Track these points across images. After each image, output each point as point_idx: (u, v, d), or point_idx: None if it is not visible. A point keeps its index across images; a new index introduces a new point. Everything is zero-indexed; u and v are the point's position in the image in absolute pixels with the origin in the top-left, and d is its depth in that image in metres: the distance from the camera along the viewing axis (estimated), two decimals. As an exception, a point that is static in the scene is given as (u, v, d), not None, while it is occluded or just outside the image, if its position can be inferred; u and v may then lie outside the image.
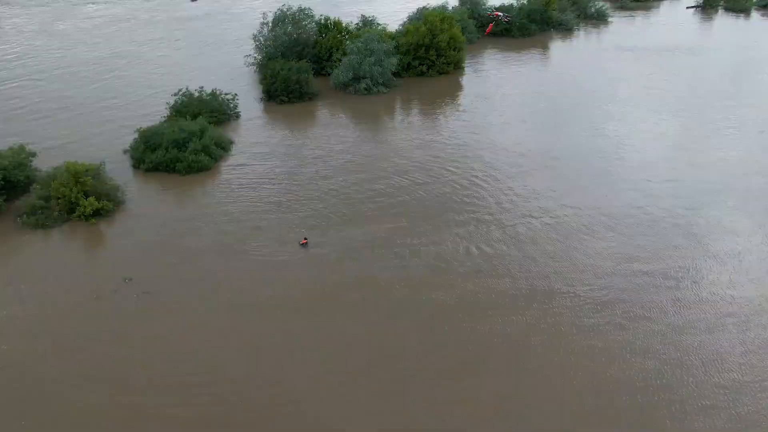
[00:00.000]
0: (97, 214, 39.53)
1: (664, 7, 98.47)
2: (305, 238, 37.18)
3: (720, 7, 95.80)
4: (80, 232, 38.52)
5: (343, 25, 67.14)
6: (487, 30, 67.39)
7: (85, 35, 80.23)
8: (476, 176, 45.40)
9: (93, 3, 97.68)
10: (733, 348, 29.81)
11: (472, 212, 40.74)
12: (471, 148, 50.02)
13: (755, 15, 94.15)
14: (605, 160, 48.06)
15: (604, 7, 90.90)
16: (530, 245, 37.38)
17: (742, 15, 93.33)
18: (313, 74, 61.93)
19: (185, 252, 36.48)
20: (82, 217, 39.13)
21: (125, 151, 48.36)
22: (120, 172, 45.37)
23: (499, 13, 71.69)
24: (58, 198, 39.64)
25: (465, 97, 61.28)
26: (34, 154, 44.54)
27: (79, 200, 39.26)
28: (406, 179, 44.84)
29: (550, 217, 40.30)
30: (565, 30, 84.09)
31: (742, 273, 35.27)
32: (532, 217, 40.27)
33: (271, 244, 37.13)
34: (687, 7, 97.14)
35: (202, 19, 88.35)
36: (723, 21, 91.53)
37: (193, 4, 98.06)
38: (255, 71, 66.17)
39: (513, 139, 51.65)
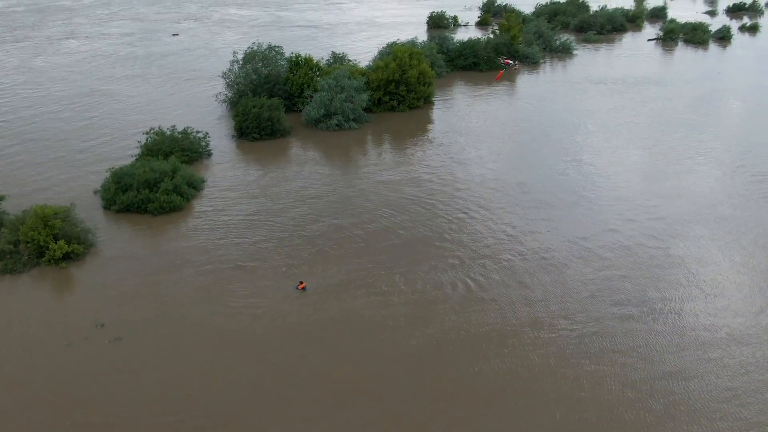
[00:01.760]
0: (67, 257, 39.00)
1: (626, 40, 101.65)
2: (302, 282, 36.70)
3: (679, 40, 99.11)
4: (50, 277, 37.89)
5: (314, 61, 67.86)
6: (498, 76, 68.79)
7: (63, 71, 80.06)
8: (454, 211, 45.86)
9: (73, 38, 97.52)
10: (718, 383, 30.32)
11: (450, 249, 41.04)
12: (446, 183, 50.63)
13: (713, 46, 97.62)
14: (578, 193, 48.93)
15: (568, 40, 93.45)
16: (512, 279, 37.71)
17: (700, 47, 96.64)
18: (285, 111, 62.44)
19: (159, 295, 36.05)
20: (52, 261, 38.54)
21: (96, 192, 47.98)
22: (91, 213, 44.96)
23: (510, 61, 73.24)
24: (27, 242, 39.03)
25: (437, 132, 62.18)
26: (2, 198, 43.89)
27: (48, 244, 38.69)
28: (383, 216, 45.13)
29: (529, 250, 40.80)
30: (532, 63, 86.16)
31: (718, 302, 36.01)
32: (512, 252, 40.71)
33: (248, 285, 36.90)
34: (648, 40, 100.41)
35: (180, 54, 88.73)
36: (684, 53, 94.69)
37: (174, 37, 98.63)
38: (227, 108, 66.49)
39: (488, 173, 52.43)
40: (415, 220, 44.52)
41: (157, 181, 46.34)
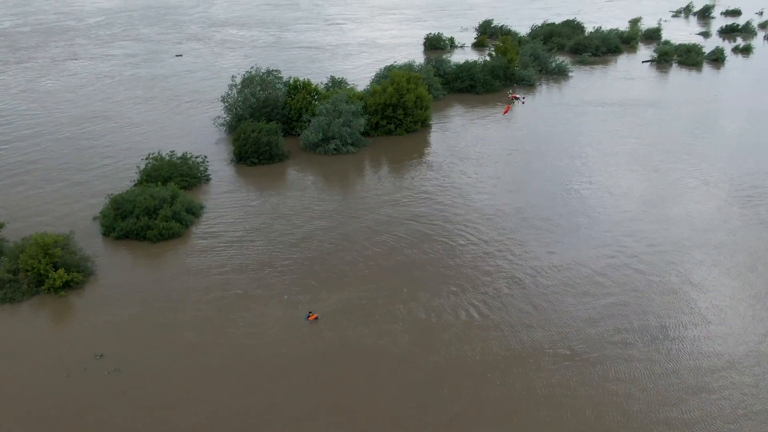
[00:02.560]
0: (67, 286, 38.98)
1: (621, 62, 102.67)
2: (313, 313, 36.60)
3: (674, 62, 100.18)
4: (49, 306, 37.87)
5: (313, 86, 68.38)
6: (506, 110, 69.31)
7: (67, 93, 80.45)
8: (453, 237, 46.05)
9: (77, 59, 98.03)
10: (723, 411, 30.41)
11: (451, 276, 41.17)
12: (445, 208, 50.86)
13: (707, 68, 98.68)
14: (576, 220, 49.19)
15: (564, 63, 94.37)
16: (513, 307, 37.86)
17: (694, 69, 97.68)
18: (283, 134, 62.79)
19: (159, 324, 36.05)
20: (52, 289, 38.53)
21: (95, 218, 48.08)
22: (90, 239, 45.06)
23: (518, 96, 73.87)
24: (27, 271, 39.04)
25: (434, 156, 62.54)
26: (1, 225, 43.94)
27: (48, 272, 38.71)
28: (383, 243, 45.27)
29: (529, 277, 41.00)
30: (528, 85, 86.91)
31: (720, 328, 36.19)
32: (512, 279, 40.89)
33: (250, 314, 36.92)
34: (643, 62, 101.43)
35: (181, 76, 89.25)
36: (679, 75, 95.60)
37: (177, 58, 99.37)
38: (226, 131, 66.85)
39: (487, 198, 52.74)
40: (416, 247, 44.69)
41: (156, 208, 46.47)
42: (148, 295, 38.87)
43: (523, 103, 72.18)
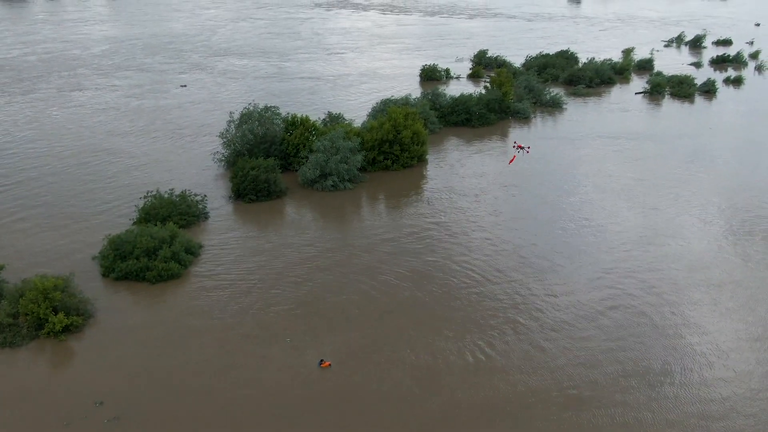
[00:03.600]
0: (67, 330, 39.71)
1: (614, 93, 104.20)
2: (325, 361, 36.97)
3: (666, 93, 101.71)
4: (49, 351, 38.53)
5: (311, 121, 69.61)
6: (511, 160, 70.39)
7: (71, 126, 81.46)
8: (453, 277, 46.86)
9: (81, 90, 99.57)
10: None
11: (453, 317, 41.86)
12: (444, 246, 51.62)
13: (699, 100, 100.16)
14: (575, 259, 50.01)
15: (558, 95, 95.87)
16: (516, 348, 38.60)
17: (686, 100, 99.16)
18: (281, 170, 63.88)
19: (160, 370, 36.59)
20: (51, 333, 39.26)
21: (94, 258, 48.89)
22: (89, 280, 45.78)
23: (522, 145, 74.96)
24: (27, 314, 39.81)
25: (432, 192, 63.45)
26: (1, 267, 44.77)
27: (48, 317, 39.46)
28: (384, 283, 45.96)
29: (530, 318, 41.78)
30: (523, 118, 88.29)
31: (718, 370, 37.01)
32: (513, 320, 41.61)
33: (253, 357, 37.50)
34: (636, 93, 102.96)
35: (184, 108, 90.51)
36: (672, 107, 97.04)
37: (181, 89, 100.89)
38: (224, 167, 67.94)
39: (486, 236, 53.59)
40: (417, 287, 45.46)
41: (155, 249, 47.36)
42: (148, 338, 39.55)
43: (528, 152, 73.20)
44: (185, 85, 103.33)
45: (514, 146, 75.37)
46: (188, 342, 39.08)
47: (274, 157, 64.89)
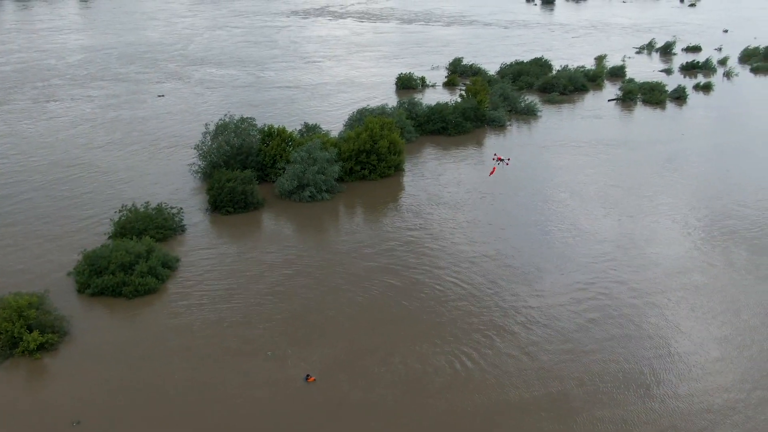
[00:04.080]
0: (42, 348, 39.47)
1: (588, 100, 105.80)
2: (309, 375, 37.12)
3: (638, 100, 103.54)
4: (24, 369, 38.26)
5: (287, 132, 69.83)
6: (491, 172, 70.98)
7: (46, 138, 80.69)
8: (435, 285, 47.35)
9: (56, 100, 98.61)
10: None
11: (433, 327, 42.29)
12: (423, 255, 51.99)
13: (670, 106, 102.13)
14: (557, 264, 50.78)
15: (533, 102, 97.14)
16: (497, 358, 39.08)
17: (658, 107, 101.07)
18: (257, 181, 64.02)
19: (139, 387, 36.43)
20: (26, 352, 39.00)
21: (69, 274, 48.58)
22: (64, 296, 45.53)
23: (501, 158, 75.55)
24: (0, 333, 39.51)
25: (409, 201, 63.89)
26: (-25, 285, 44.33)
27: (22, 335, 39.21)
28: (362, 294, 46.24)
29: (510, 325, 42.39)
30: (498, 126, 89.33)
31: (696, 374, 37.95)
32: (492, 329, 42.12)
33: (235, 372, 37.51)
34: (608, 100, 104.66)
35: (161, 119, 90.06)
36: (644, 113, 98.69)
37: (159, 99, 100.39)
38: (200, 179, 67.82)
39: (464, 244, 54.11)
40: (399, 297, 45.87)
41: (131, 264, 47.23)
42: (126, 355, 39.41)
43: (508, 164, 74.02)
44: (163, 95, 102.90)
45: (493, 158, 75.98)
46: (168, 358, 39.03)
47: (251, 169, 65.01)
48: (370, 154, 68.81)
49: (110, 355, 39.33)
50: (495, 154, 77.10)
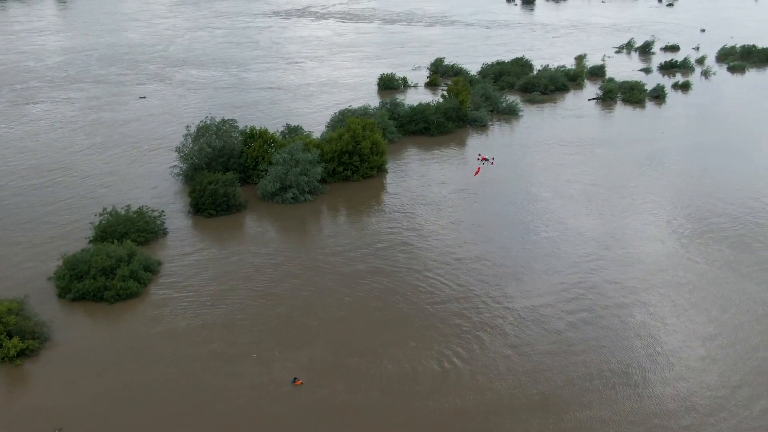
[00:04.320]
0: (22, 354, 39.13)
1: (569, 100, 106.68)
2: (298, 379, 37.10)
3: (618, 99, 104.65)
4: (3, 376, 37.88)
5: (269, 134, 69.70)
6: (476, 172, 71.18)
7: (27, 142, 79.70)
8: (420, 286, 47.59)
9: (36, 103, 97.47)
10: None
11: (418, 328, 42.45)
12: (407, 256, 52.13)
13: (649, 105, 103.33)
14: (542, 263, 51.29)
15: (514, 102, 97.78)
16: (480, 358, 39.38)
17: (637, 106, 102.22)
18: (240, 183, 63.87)
19: (122, 393, 36.16)
20: (6, 359, 38.64)
21: (49, 278, 48.16)
22: (45, 302, 45.16)
23: (486, 157, 75.77)
24: (-20, 340, 39.10)
25: (392, 202, 64.07)
26: (-47, 291, 43.82)
27: (2, 342, 38.85)
28: (347, 295, 46.31)
29: (490, 324, 42.75)
30: (480, 126, 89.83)
31: (678, 370, 38.58)
32: (476, 329, 42.40)
33: (219, 376, 37.43)
34: (589, 99, 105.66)
35: (143, 121, 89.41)
36: (624, 112, 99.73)
37: (141, 100, 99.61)
38: (182, 181, 67.49)
39: (448, 245, 54.34)
40: (383, 297, 46.04)
41: (113, 268, 46.93)
42: (109, 360, 39.15)
43: (492, 163, 74.43)
44: (144, 97, 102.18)
45: (478, 158, 76.34)
46: (152, 362, 38.85)
47: (233, 171, 64.83)
48: (353, 155, 68.91)
49: (92, 360, 39.06)
50: (480, 154, 77.41)
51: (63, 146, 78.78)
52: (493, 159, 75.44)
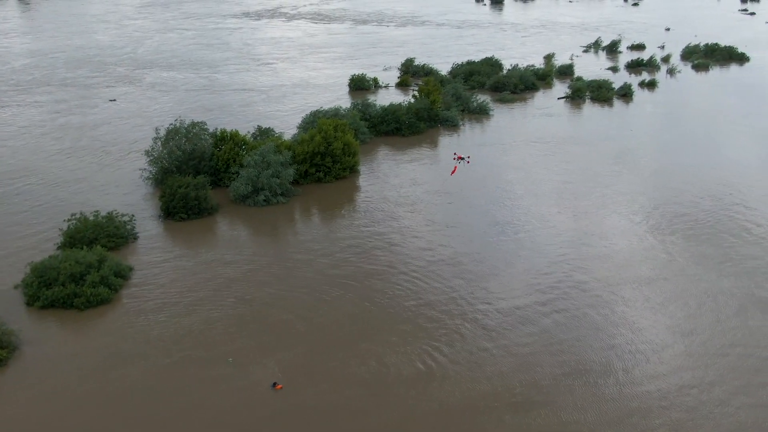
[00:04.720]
0: (-10, 364, 38.53)
1: (538, 99, 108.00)
2: (277, 384, 36.90)
3: (586, 97, 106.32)
4: (-29, 386, 37.31)
5: (240, 136, 69.41)
6: (453, 171, 71.51)
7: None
8: (395, 286, 47.78)
9: (1, 107, 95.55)
10: None
11: (394, 327, 42.70)
12: (381, 256, 52.40)
13: (617, 103, 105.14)
14: (511, 262, 51.84)
15: (485, 102, 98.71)
16: (458, 354, 39.74)
17: (606, 104, 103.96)
18: (211, 186, 63.53)
19: (96, 403, 35.66)
20: (-27, 369, 38.01)
21: (16, 287, 47.42)
22: (13, 310, 44.48)
23: (462, 156, 76.07)
24: (-54, 350, 38.41)
25: (365, 202, 64.30)
26: None
27: (-31, 351, 38.21)
28: (322, 297, 46.33)
29: (469, 322, 43.14)
30: (452, 125, 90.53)
31: (653, 365, 39.26)
32: (451, 327, 42.73)
33: (195, 381, 37.21)
34: (558, 98, 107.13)
35: (113, 124, 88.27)
36: (593, 110, 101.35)
37: (111, 103, 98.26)
38: (152, 185, 66.87)
39: (421, 244, 54.71)
40: (359, 298, 46.13)
41: (83, 274, 46.39)
42: (81, 368, 38.61)
43: (468, 162, 75.00)
44: (114, 100, 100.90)
45: (454, 158, 76.85)
46: (125, 369, 38.49)
47: (204, 174, 64.45)
48: (325, 156, 68.98)
49: (63, 369, 38.56)
50: (455, 153, 78.08)
51: (30, 151, 77.48)
52: (468, 158, 76.12)
